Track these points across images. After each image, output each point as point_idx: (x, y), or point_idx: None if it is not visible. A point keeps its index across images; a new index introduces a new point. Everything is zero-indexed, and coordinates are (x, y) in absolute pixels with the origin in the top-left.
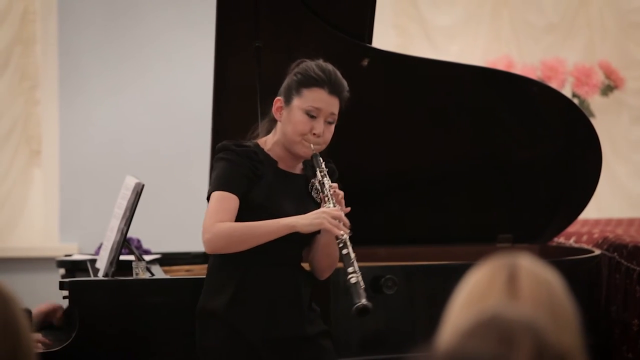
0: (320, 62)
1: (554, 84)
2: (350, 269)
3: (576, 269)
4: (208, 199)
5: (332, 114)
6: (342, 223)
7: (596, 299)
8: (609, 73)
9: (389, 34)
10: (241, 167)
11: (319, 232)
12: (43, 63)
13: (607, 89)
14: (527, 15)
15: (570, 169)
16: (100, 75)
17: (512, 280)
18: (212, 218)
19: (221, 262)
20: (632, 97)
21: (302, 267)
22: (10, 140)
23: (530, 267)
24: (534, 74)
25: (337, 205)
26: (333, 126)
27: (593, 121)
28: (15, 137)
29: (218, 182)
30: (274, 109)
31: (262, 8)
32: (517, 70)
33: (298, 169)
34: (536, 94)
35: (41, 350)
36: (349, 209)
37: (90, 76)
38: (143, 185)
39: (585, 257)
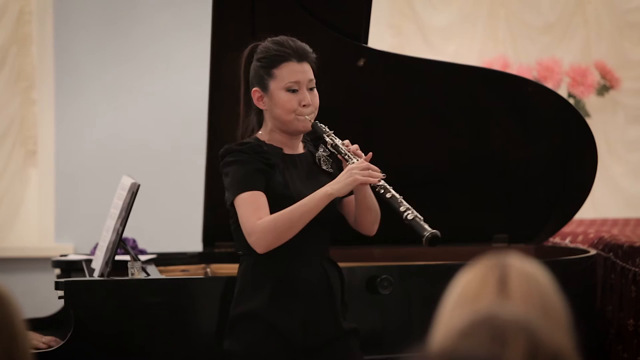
0: (272, 38)
1: (549, 84)
2: (402, 208)
3: (572, 269)
4: (231, 205)
5: (310, 80)
6: (373, 171)
7: (592, 299)
8: (604, 73)
9: (385, 34)
10: (253, 163)
11: (334, 205)
12: (39, 63)
13: (603, 89)
14: (523, 16)
15: (565, 169)
16: (96, 76)
17: (503, 280)
18: (250, 219)
19: (254, 263)
20: (628, 97)
21: (331, 261)
22: (6, 140)
23: (520, 266)
24: (529, 74)
25: (359, 159)
26: (316, 90)
27: (589, 121)
28: (11, 138)
29: (238, 185)
30: (255, 100)
31: (258, 9)
32: (513, 70)
33: (301, 148)
34: (532, 94)
35: (37, 350)
36: (370, 154)
37: (86, 76)
38: (139, 186)
39: (580, 257)
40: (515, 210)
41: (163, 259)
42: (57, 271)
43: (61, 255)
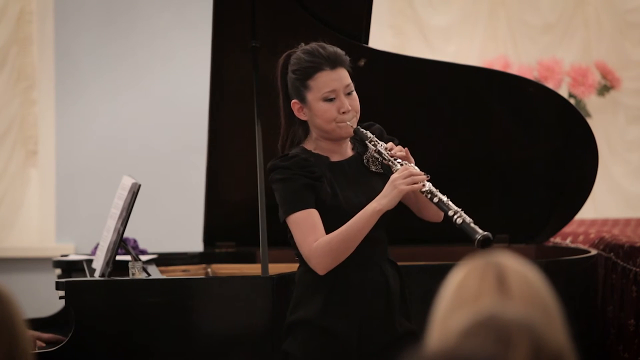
0: (304, 48)
1: (550, 84)
2: (450, 212)
3: (572, 269)
4: (283, 222)
5: (347, 85)
6: (416, 176)
7: (592, 299)
8: (605, 73)
9: (386, 34)
10: (299, 179)
11: (385, 216)
12: (39, 63)
13: (604, 89)
14: (523, 16)
15: (566, 169)
16: (96, 76)
17: (501, 279)
18: (306, 242)
19: (309, 269)
20: (629, 97)
21: (389, 261)
22: (6, 140)
23: (515, 266)
24: (530, 74)
25: (403, 163)
26: (354, 93)
27: (589, 121)
28: (12, 138)
29: (287, 205)
30: (295, 113)
31: (258, 9)
32: (514, 70)
33: (349, 152)
34: (532, 94)
35: (38, 350)
36: (412, 160)
37: (87, 77)
38: (139, 186)
39: (581, 258)
40: (516, 211)
41: (164, 259)
42: (58, 271)
43: (62, 256)
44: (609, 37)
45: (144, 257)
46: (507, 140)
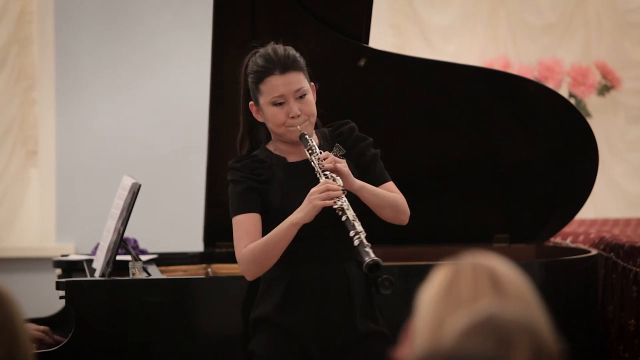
0: (261, 50)
1: (550, 84)
2: (351, 233)
3: (573, 269)
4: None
5: (298, 90)
6: (331, 192)
7: (593, 299)
8: (605, 73)
9: (386, 34)
10: (246, 181)
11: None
12: (40, 63)
13: (604, 89)
14: (524, 16)
15: (566, 169)
16: (97, 76)
17: (494, 280)
18: (237, 247)
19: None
20: (629, 97)
21: (356, 260)
22: (6, 140)
23: (502, 266)
24: (530, 74)
25: (329, 175)
26: (309, 96)
27: (590, 121)
28: (12, 138)
29: (231, 207)
30: (253, 114)
31: (258, 9)
32: (514, 70)
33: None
34: (533, 94)
35: (39, 350)
36: (343, 161)
37: (87, 76)
38: (140, 186)
39: (581, 257)
40: (516, 210)
41: (164, 259)
42: (58, 271)
43: (62, 256)
44: (609, 37)
45: (144, 257)
46: (507, 140)
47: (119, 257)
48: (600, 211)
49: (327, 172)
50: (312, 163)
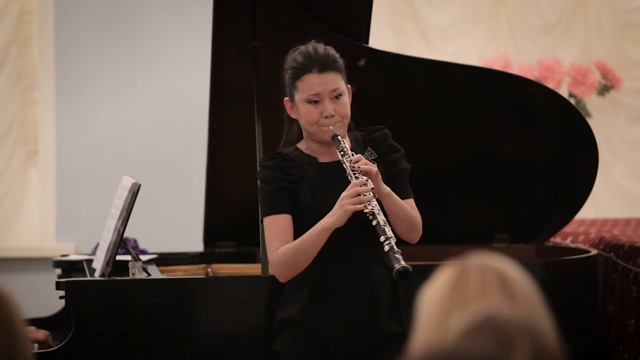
0: (302, 47)
1: (550, 84)
2: (382, 238)
3: (573, 269)
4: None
5: (334, 90)
6: (362, 197)
7: (593, 299)
8: (605, 73)
9: (386, 34)
10: (276, 182)
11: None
12: (40, 63)
13: (604, 89)
14: (524, 16)
15: (566, 169)
16: (97, 76)
17: (503, 281)
18: (269, 249)
19: None
20: (629, 97)
21: (381, 261)
22: (6, 140)
23: (510, 268)
24: (530, 74)
25: (359, 177)
26: (344, 98)
27: (589, 121)
28: (12, 138)
29: (262, 207)
30: (287, 110)
31: (258, 8)
32: (514, 70)
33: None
34: (533, 94)
35: (38, 350)
36: (374, 165)
37: (87, 76)
38: (140, 186)
39: (581, 257)
40: (516, 210)
41: (164, 259)
42: (58, 271)
43: (62, 255)
44: (609, 37)
45: (144, 257)
46: (507, 140)
47: (119, 257)
48: (600, 211)
49: (358, 175)
50: (344, 164)
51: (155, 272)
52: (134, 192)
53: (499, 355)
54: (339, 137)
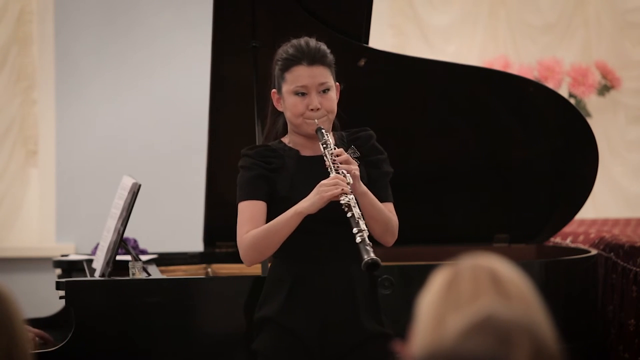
0: (294, 40)
1: (550, 84)
2: (355, 230)
3: (573, 269)
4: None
5: (321, 83)
6: (340, 186)
7: (592, 299)
8: (605, 73)
9: (386, 34)
10: (256, 169)
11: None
12: (40, 63)
13: (604, 89)
14: (524, 16)
15: (566, 169)
16: (97, 76)
17: (495, 280)
18: (239, 232)
19: (274, 266)
20: (629, 97)
21: (355, 259)
22: (6, 140)
23: (504, 267)
24: (530, 74)
25: (340, 171)
26: (332, 93)
27: (589, 121)
28: (12, 138)
29: (239, 192)
30: (274, 103)
31: (258, 8)
32: (514, 70)
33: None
34: (533, 94)
35: (38, 350)
36: (355, 162)
37: (87, 76)
38: (140, 186)
39: (581, 257)
40: (516, 210)
41: (164, 259)
42: (58, 271)
43: (62, 255)
44: (609, 37)
45: (144, 257)
46: (507, 140)
47: (119, 257)
48: (600, 211)
49: (338, 167)
50: (325, 157)
51: (155, 272)
52: (134, 192)
53: (499, 355)
54: (323, 131)
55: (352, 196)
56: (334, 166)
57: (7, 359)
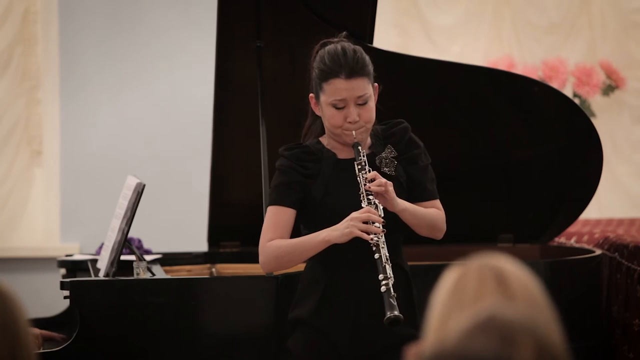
0: (331, 47)
1: (555, 84)
2: (380, 276)
3: (577, 269)
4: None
5: (360, 96)
6: (371, 226)
7: (597, 299)
8: (610, 73)
9: (390, 34)
10: (291, 173)
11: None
12: (44, 63)
13: (608, 89)
14: (528, 15)
15: (571, 169)
16: (101, 76)
17: (500, 281)
18: (263, 238)
19: (309, 268)
20: (633, 97)
21: (398, 264)
22: (11, 140)
23: (511, 267)
24: (535, 74)
25: (373, 201)
26: (370, 103)
27: (594, 121)
28: (16, 138)
29: (270, 196)
30: (312, 106)
31: (263, 8)
32: (519, 70)
33: (364, 147)
34: (537, 94)
35: (42, 350)
36: (390, 184)
37: (92, 76)
38: (144, 185)
39: (586, 257)
40: (521, 210)
41: (168, 259)
42: (63, 271)
43: (67, 255)
44: (613, 36)
45: (148, 257)
46: (511, 140)
47: (123, 257)
48: (604, 211)
49: (371, 197)
50: (359, 180)
51: (159, 272)
52: (139, 192)
53: (502, 355)
54: (359, 148)
55: (382, 236)
56: (367, 195)
57: (11, 359)
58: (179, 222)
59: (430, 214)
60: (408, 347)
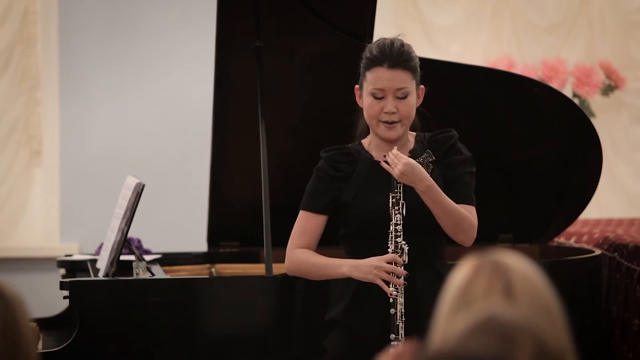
0: (382, 39)
1: (554, 84)
2: (392, 336)
3: (577, 269)
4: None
5: (399, 89)
6: (394, 278)
7: (597, 299)
8: (609, 73)
9: (390, 34)
10: (324, 178)
11: (422, 213)
12: (44, 63)
13: (608, 89)
14: (528, 15)
15: (570, 169)
16: (100, 76)
17: (507, 282)
18: (291, 243)
19: None
20: (633, 97)
21: (430, 266)
22: (10, 140)
23: (520, 267)
24: (534, 74)
25: (399, 244)
26: (410, 99)
27: (593, 121)
28: (16, 138)
29: (303, 199)
30: (356, 97)
31: (262, 8)
32: (518, 70)
33: (404, 151)
34: (537, 94)
35: (42, 350)
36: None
37: (91, 76)
38: (144, 185)
39: (585, 257)
40: (520, 210)
41: (168, 259)
42: (62, 271)
43: (66, 255)
44: (613, 36)
45: (148, 257)
46: (511, 140)
47: (122, 257)
48: (604, 211)
49: (399, 240)
50: (391, 214)
51: (159, 272)
52: (138, 192)
53: (502, 355)
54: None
55: (402, 290)
56: (395, 238)
57: (12, 358)
58: (178, 222)
59: (457, 211)
60: (409, 346)
